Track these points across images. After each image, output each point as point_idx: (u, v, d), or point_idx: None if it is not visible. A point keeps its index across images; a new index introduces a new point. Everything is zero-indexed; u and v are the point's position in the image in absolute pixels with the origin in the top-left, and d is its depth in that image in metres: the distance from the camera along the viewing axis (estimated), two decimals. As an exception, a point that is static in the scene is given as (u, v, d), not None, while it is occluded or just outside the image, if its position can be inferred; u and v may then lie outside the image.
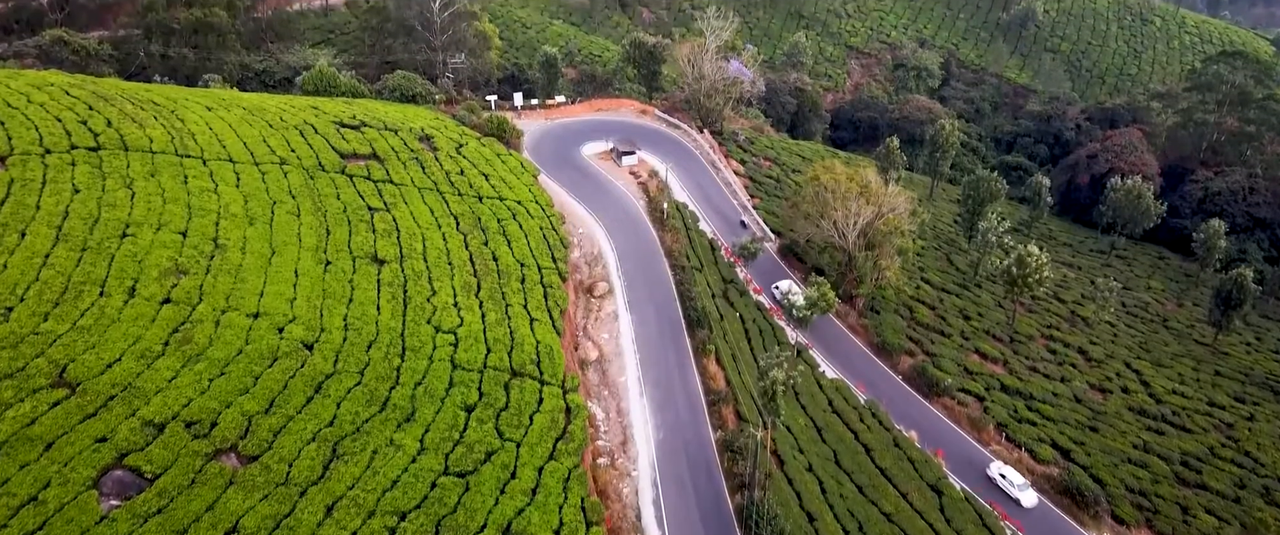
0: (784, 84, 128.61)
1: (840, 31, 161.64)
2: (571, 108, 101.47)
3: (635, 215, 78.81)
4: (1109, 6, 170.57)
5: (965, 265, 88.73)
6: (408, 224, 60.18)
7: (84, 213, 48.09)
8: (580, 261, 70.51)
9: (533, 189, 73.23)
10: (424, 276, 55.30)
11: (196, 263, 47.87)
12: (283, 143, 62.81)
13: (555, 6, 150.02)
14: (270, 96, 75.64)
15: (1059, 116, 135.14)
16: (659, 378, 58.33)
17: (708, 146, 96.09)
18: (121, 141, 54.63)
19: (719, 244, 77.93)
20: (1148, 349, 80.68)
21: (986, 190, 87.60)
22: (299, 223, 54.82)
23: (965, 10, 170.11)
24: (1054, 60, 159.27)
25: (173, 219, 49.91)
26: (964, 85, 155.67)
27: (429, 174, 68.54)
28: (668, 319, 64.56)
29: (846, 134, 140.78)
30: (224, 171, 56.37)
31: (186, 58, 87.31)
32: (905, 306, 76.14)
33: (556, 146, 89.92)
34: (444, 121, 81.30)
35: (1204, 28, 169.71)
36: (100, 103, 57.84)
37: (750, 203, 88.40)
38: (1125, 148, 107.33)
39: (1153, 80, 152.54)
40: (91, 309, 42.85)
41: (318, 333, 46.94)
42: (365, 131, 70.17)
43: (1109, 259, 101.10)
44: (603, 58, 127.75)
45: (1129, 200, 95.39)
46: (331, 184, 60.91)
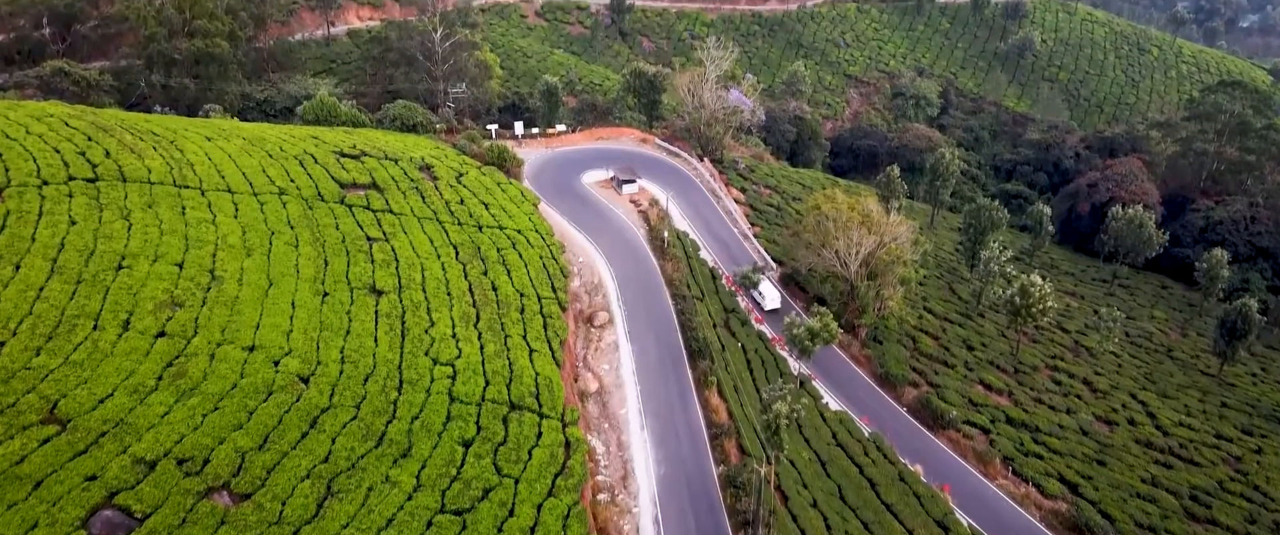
0: (783, 112, 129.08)
1: (839, 60, 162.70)
2: (572, 136, 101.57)
3: (636, 244, 78.42)
4: (1106, 36, 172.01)
5: (968, 294, 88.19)
6: (407, 254, 59.77)
7: (80, 245, 47.68)
8: (580, 290, 69.99)
9: (533, 218, 72.96)
10: (422, 307, 54.76)
11: (192, 295, 47.35)
12: (282, 173, 62.60)
13: (556, 36, 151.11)
14: (270, 126, 75.64)
15: (1058, 145, 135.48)
16: (660, 410, 57.51)
17: (708, 175, 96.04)
18: (119, 172, 54.39)
19: (720, 272, 77.47)
20: (1153, 380, 79.87)
21: (988, 219, 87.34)
22: (297, 253, 54.39)
23: (963, 40, 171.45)
24: (1052, 89, 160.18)
25: (169, 250, 49.48)
26: (963, 113, 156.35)
27: (429, 203, 68.29)
28: (669, 349, 63.87)
29: (846, 162, 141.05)
30: (222, 202, 56.07)
31: (187, 88, 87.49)
32: (908, 336, 75.46)
33: (557, 175, 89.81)
34: (444, 151, 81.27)
35: (1201, 57, 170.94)
36: (99, 133, 57.71)
37: (751, 231, 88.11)
38: (1126, 176, 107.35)
39: (1151, 109, 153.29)
40: (84, 343, 42.25)
41: (314, 366, 46.29)
42: (365, 161, 70.03)
43: (1111, 288, 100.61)
44: (603, 87, 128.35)
45: (1130, 229, 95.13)
46: (330, 214, 60.59)
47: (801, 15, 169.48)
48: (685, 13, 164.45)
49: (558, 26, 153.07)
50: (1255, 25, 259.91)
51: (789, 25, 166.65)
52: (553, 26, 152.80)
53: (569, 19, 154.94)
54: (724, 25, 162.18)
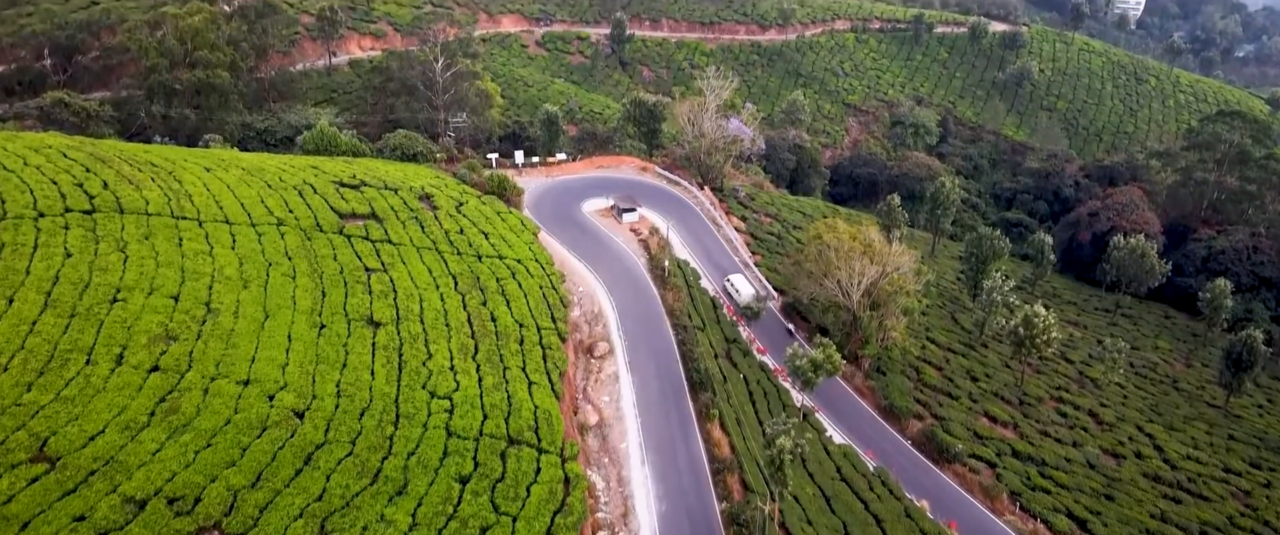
0: (783, 140, 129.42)
1: (837, 89, 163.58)
2: (572, 165, 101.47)
3: (636, 272, 77.90)
4: (1103, 66, 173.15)
5: (970, 324, 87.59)
6: (405, 284, 59.22)
7: (75, 278, 47.16)
8: (580, 320, 69.35)
9: (533, 247, 72.50)
10: (420, 339, 54.08)
11: (187, 328, 46.73)
12: (281, 203, 62.28)
13: (557, 65, 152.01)
14: (270, 156, 75.49)
15: (1058, 173, 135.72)
16: (661, 443, 56.61)
17: (709, 203, 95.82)
18: (117, 204, 54.04)
19: (721, 302, 76.90)
20: (1159, 412, 79.00)
21: (990, 248, 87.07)
22: (294, 285, 53.87)
23: (961, 69, 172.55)
24: (1051, 118, 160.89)
25: (165, 283, 48.96)
26: (962, 142, 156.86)
27: (428, 233, 67.88)
28: (670, 380, 63.08)
29: (846, 190, 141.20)
30: (220, 233, 55.66)
31: (188, 118, 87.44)
32: (912, 367, 74.74)
33: (557, 204, 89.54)
34: (444, 180, 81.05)
35: (1198, 87, 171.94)
36: (97, 164, 57.47)
37: (752, 259, 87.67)
38: (1126, 205, 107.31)
39: (1150, 138, 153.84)
40: (76, 378, 41.58)
41: (309, 400, 45.54)
42: (365, 191, 69.76)
43: (1115, 318, 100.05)
44: (603, 115, 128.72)
45: (1133, 259, 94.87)
46: (329, 244, 60.15)
47: (800, 44, 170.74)
48: (685, 42, 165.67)
49: (558, 56, 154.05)
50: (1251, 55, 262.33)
51: (788, 54, 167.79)
52: (553, 56, 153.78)
53: (569, 48, 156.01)
54: (723, 54, 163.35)
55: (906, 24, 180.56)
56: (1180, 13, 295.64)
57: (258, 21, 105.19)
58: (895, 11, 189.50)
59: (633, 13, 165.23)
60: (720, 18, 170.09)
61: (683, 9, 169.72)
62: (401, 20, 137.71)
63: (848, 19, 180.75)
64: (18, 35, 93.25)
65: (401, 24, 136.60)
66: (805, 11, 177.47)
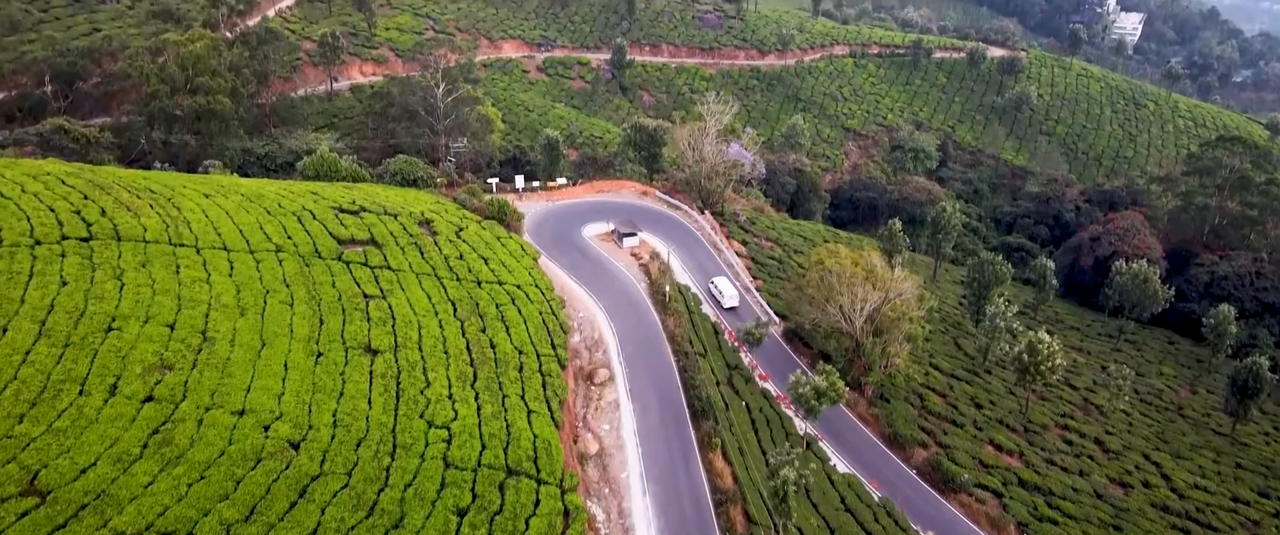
0: (783, 164, 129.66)
1: (837, 114, 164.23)
2: (573, 189, 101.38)
3: (636, 298, 77.41)
4: (1102, 91, 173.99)
5: (973, 350, 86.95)
6: (404, 311, 58.68)
7: (70, 306, 46.63)
8: (580, 346, 68.75)
9: (533, 272, 72.03)
10: (418, 367, 53.45)
11: (183, 357, 46.14)
12: (279, 229, 61.92)
13: (557, 90, 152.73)
14: (270, 182, 75.25)
15: (1058, 198, 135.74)
16: (662, 474, 55.77)
17: (709, 227, 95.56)
18: (114, 231, 53.66)
19: (722, 328, 76.32)
20: (1166, 440, 78.15)
21: (992, 273, 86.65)
22: (292, 312, 53.34)
23: (960, 94, 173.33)
24: (1050, 142, 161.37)
25: (161, 311, 48.43)
26: (961, 166, 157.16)
27: (428, 259, 67.46)
28: (671, 408, 62.34)
29: (846, 213, 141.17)
30: (218, 260, 55.24)
31: (188, 144, 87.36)
32: (915, 394, 74.00)
33: (557, 228, 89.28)
34: (445, 205, 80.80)
35: (1197, 112, 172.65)
36: (96, 191, 57.18)
37: (753, 284, 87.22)
38: (1128, 230, 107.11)
39: (1149, 163, 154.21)
40: (69, 409, 40.90)
41: (305, 430, 44.84)
42: (364, 216, 69.45)
43: (1118, 343, 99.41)
44: (604, 139, 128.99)
45: (1135, 284, 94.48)
46: (328, 271, 59.69)
47: (799, 70, 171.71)
48: (684, 67, 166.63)
49: (559, 81, 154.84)
50: (1248, 80, 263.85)
51: (787, 79, 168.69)
52: (554, 81, 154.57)
53: (570, 74, 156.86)
54: (723, 79, 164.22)
55: (905, 49, 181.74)
56: (1177, 38, 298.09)
57: (259, 48, 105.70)
58: (893, 37, 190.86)
59: (633, 38, 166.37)
60: (720, 43, 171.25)
61: (682, 35, 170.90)
62: (403, 46, 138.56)
63: (846, 44, 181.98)
64: (19, 62, 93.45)
65: (403, 50, 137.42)
66: (804, 37, 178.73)
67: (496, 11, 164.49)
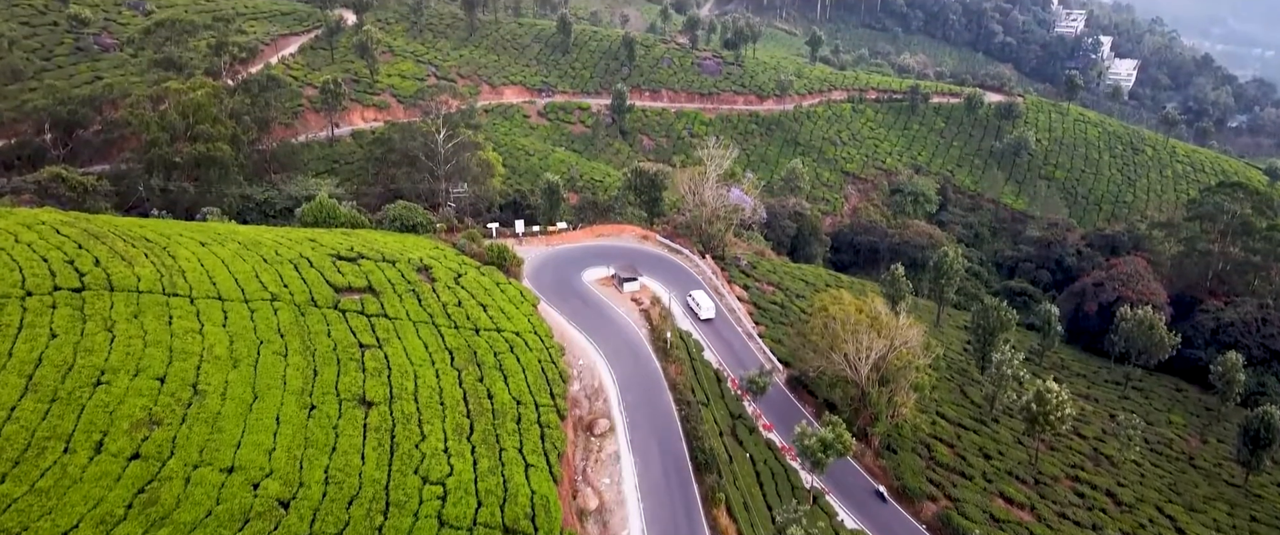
0: (783, 208, 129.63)
1: (836, 158, 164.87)
2: (573, 234, 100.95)
3: (637, 344, 76.32)
4: (1100, 136, 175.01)
5: (980, 398, 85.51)
6: (400, 361, 57.56)
7: (58, 360, 45.56)
8: (580, 395, 67.44)
9: (532, 319, 71.05)
10: (414, 419, 52.16)
11: (172, 412, 44.92)
12: (275, 278, 61.12)
13: (558, 134, 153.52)
14: (268, 229, 74.69)
15: (1059, 242, 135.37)
16: (665, 531, 54.08)
17: (710, 272, 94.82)
18: (107, 281, 52.85)
19: (725, 375, 75.10)
20: (1178, 492, 76.35)
21: (997, 320, 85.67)
22: (285, 364, 52.24)
23: (958, 138, 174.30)
24: (1049, 187, 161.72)
25: (152, 364, 47.34)
26: (961, 210, 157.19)
27: (425, 306, 66.55)
28: (673, 460, 60.82)
29: (847, 257, 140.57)
30: (212, 310, 54.32)
31: (186, 191, 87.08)
32: (923, 445, 72.43)
33: (557, 273, 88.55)
34: (444, 251, 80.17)
35: (1195, 157, 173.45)
36: (90, 241, 56.51)
37: (755, 330, 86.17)
38: (1132, 276, 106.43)
39: (1149, 208, 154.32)
40: (53, 467, 39.58)
41: (295, 488, 43.41)
42: (362, 264, 68.73)
43: (1125, 390, 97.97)
44: (604, 183, 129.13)
45: (1141, 330, 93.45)
46: (323, 320, 58.74)
47: (798, 114, 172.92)
48: (684, 112, 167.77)
49: (560, 125, 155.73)
50: (1244, 125, 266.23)
51: (785, 124, 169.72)
52: (555, 125, 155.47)
53: (571, 118, 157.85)
54: (722, 124, 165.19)
55: (902, 94, 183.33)
56: (1171, 84, 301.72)
57: (261, 95, 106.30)
58: (890, 82, 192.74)
59: (633, 84, 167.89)
60: (719, 88, 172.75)
61: (682, 80, 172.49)
62: (405, 92, 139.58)
63: (844, 90, 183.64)
64: (19, 110, 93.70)
65: (405, 96, 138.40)
66: (802, 83, 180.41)
67: (498, 58, 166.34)
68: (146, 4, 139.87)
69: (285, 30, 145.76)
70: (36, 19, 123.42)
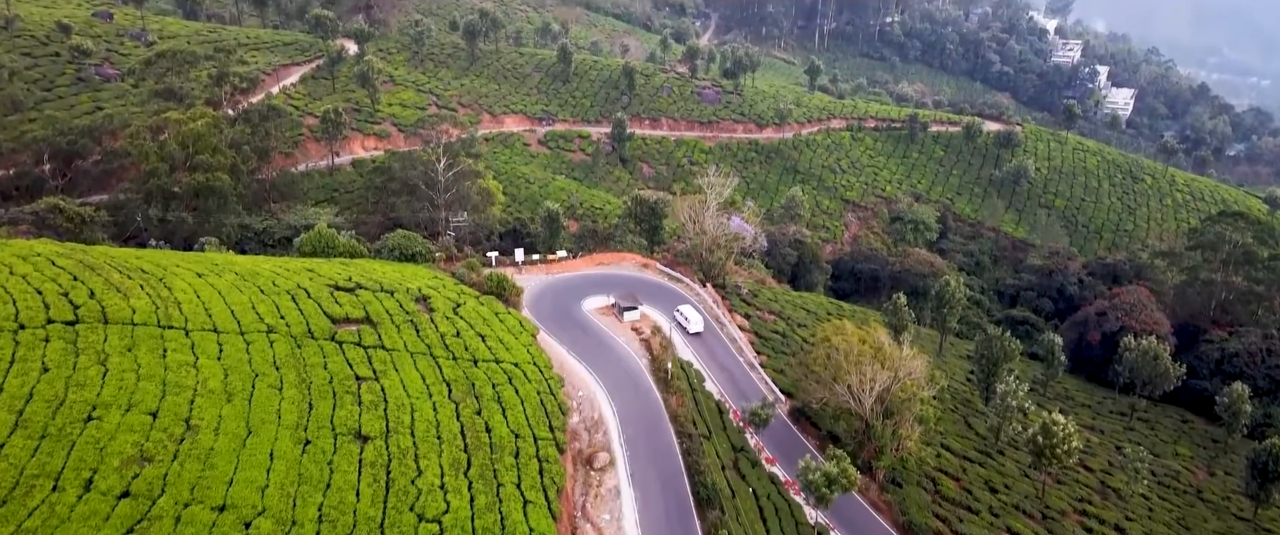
0: (783, 236, 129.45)
1: (835, 186, 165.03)
2: (573, 262, 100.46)
3: (638, 374, 75.49)
4: (1099, 165, 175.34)
5: (985, 430, 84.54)
6: (397, 394, 56.73)
7: (50, 394, 44.75)
8: (579, 427, 66.50)
9: (531, 349, 70.31)
10: (410, 453, 51.24)
11: (164, 448, 44.05)
12: (272, 309, 60.49)
13: (558, 163, 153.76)
14: (265, 259, 74.20)
15: (1061, 271, 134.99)
16: (666, 569, 52.94)
17: (711, 300, 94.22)
18: (102, 313, 52.20)
19: (727, 406, 74.17)
20: (1187, 526, 75.15)
21: (1000, 350, 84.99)
22: (280, 397, 51.41)
23: (958, 166, 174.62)
24: (1049, 216, 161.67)
25: (144, 398, 46.55)
26: (962, 238, 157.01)
27: (423, 337, 65.84)
28: (674, 495, 59.73)
29: (847, 285, 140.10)
30: (207, 343, 53.62)
31: (185, 221, 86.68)
32: (928, 478, 71.36)
33: (557, 302, 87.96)
34: (443, 280, 79.62)
35: (1194, 186, 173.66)
36: (86, 272, 55.96)
37: (757, 360, 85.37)
38: (1135, 305, 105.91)
39: (1150, 237, 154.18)
40: (41, 507, 38.61)
41: (288, 527, 42.40)
42: (360, 294, 68.13)
43: (1131, 422, 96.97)
44: (604, 210, 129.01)
45: (1146, 361, 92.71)
46: (319, 352, 57.99)
47: (797, 142, 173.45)
48: (684, 140, 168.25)
49: (560, 154, 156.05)
50: (1242, 154, 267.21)
51: (785, 152, 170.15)
52: (555, 154, 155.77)
53: (571, 146, 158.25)
54: (722, 152, 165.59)
55: (901, 123, 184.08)
56: (1168, 113, 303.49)
57: (261, 124, 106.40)
58: (889, 111, 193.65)
59: (633, 112, 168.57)
60: (718, 117, 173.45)
61: (681, 109, 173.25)
62: (405, 121, 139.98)
63: (843, 118, 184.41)
64: (18, 141, 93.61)
65: (405, 125, 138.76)
66: (801, 111, 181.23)
67: (499, 87, 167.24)
68: (149, 35, 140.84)
69: (287, 60, 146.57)
70: (38, 50, 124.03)
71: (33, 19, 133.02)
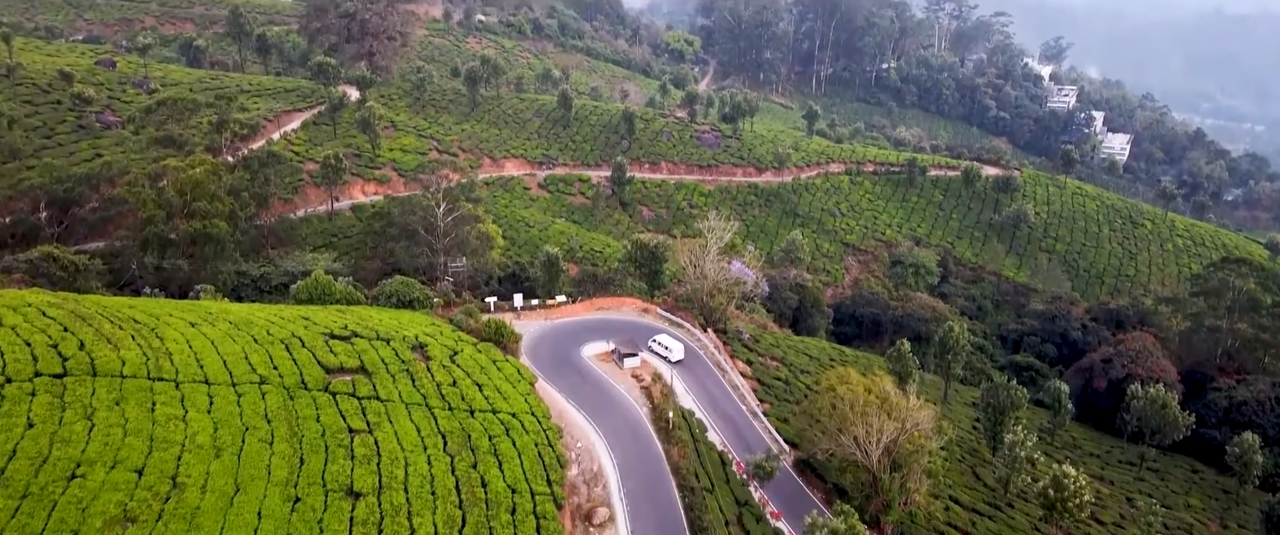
0: (784, 279, 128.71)
1: (835, 229, 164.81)
2: (573, 307, 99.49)
3: (638, 424, 74.05)
4: (1098, 210, 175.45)
5: (993, 481, 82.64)
6: (391, 447, 55.35)
7: (33, 452, 43.45)
8: (578, 480, 64.84)
9: (529, 398, 69.07)
10: (403, 511, 49.75)
11: (149, 507, 42.58)
12: (265, 359, 59.37)
13: (558, 206, 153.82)
14: (261, 307, 73.26)
15: (1064, 316, 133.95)
16: (667, 632, 50.95)
17: (713, 346, 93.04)
18: (91, 366, 51.10)
19: (730, 457, 72.57)
20: (1205, 581, 72.90)
21: (1007, 399, 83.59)
22: (271, 452, 50.05)
23: (956, 211, 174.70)
24: (1050, 260, 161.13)
25: (131, 455, 45.20)
26: (963, 282, 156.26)
27: (419, 387, 64.63)
28: (676, 553, 57.97)
29: (849, 329, 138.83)
30: (197, 395, 52.39)
31: (180, 268, 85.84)
32: (937, 532, 69.39)
33: (555, 348, 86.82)
34: (440, 327, 78.63)
35: (1194, 231, 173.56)
36: (76, 323, 55.00)
37: (760, 408, 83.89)
38: (1141, 353, 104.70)
39: (1152, 282, 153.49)
40: (15, 572, 37.17)
41: (276, 591, 40.80)
42: (355, 342, 67.08)
43: (1140, 472, 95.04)
44: (604, 254, 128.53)
45: (1154, 410, 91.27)
46: (312, 404, 56.74)
47: (796, 186, 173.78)
48: (683, 183, 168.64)
49: (560, 197, 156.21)
50: (1240, 199, 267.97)
51: (784, 195, 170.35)
52: (555, 197, 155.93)
53: (571, 190, 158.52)
54: (721, 195, 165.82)
55: (900, 167, 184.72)
56: (1165, 158, 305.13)
57: (261, 171, 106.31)
58: (887, 155, 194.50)
59: (633, 156, 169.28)
60: (717, 161, 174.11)
61: (681, 153, 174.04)
62: (406, 166, 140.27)
63: (841, 162, 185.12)
64: (15, 188, 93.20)
65: (406, 169, 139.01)
66: (800, 155, 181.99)
67: (500, 132, 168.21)
68: (151, 82, 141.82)
69: (288, 107, 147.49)
70: (40, 98, 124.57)
71: (36, 67, 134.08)
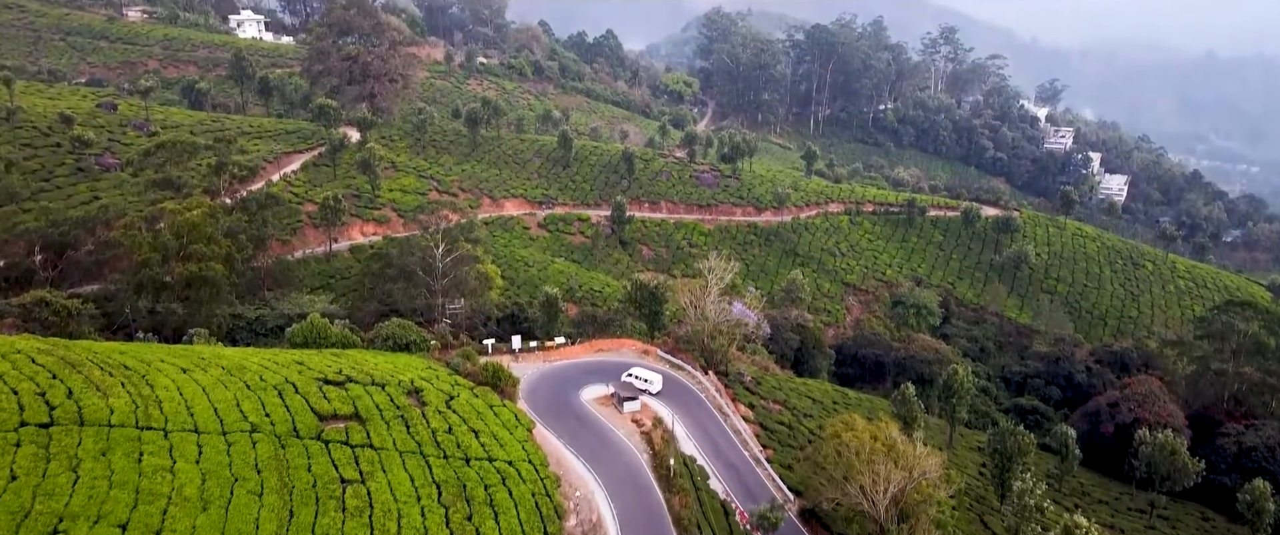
0: (785, 320, 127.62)
1: (836, 269, 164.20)
2: (571, 349, 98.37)
3: (638, 471, 72.53)
4: (1099, 251, 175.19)
5: (1001, 530, 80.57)
6: (384, 498, 53.90)
7: (15, 506, 42.04)
8: (577, 531, 63.16)
9: (527, 445, 67.71)
10: (397, 567, 48.09)
11: (131, 564, 41.10)
12: (257, 406, 58.12)
13: (557, 246, 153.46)
14: (254, 352, 72.14)
15: (1068, 358, 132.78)
16: None
17: (714, 389, 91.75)
18: (78, 415, 49.86)
19: (733, 507, 70.90)
20: (1223, 636, 70.63)
21: (1015, 444, 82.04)
22: (260, 504, 48.58)
23: (956, 251, 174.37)
24: (1052, 301, 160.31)
25: (115, 508, 43.78)
26: (965, 323, 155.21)
27: (414, 434, 63.29)
28: (679, 610, 56.08)
29: (852, 371, 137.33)
30: (186, 445, 51.08)
31: (175, 312, 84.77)
32: (946, 587, 67.42)
33: (554, 392, 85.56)
34: (437, 371, 77.43)
35: (1195, 273, 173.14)
36: (66, 370, 53.86)
37: (763, 454, 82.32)
38: (1147, 397, 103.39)
39: (1154, 324, 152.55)
40: (-12, 635, 35.57)
41: (261, 654, 39.08)
42: (350, 388, 65.86)
43: (1151, 519, 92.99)
44: (603, 293, 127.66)
45: (1163, 456, 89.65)
46: (304, 453, 55.37)
47: (796, 226, 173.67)
48: (683, 223, 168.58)
49: (559, 237, 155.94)
50: (1239, 240, 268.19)
51: (784, 235, 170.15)
52: (555, 237, 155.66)
53: (571, 230, 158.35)
54: (721, 234, 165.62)
55: (899, 207, 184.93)
56: (1163, 199, 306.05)
57: (259, 212, 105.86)
58: (886, 195, 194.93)
59: (632, 195, 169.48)
60: (717, 200, 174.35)
61: (680, 192, 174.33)
62: (406, 206, 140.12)
63: (841, 202, 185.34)
64: (11, 231, 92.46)
65: (405, 210, 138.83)
66: (799, 195, 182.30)
67: (500, 172, 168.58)
68: (151, 125, 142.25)
69: (289, 148, 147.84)
70: (39, 140, 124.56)
71: (37, 110, 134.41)
